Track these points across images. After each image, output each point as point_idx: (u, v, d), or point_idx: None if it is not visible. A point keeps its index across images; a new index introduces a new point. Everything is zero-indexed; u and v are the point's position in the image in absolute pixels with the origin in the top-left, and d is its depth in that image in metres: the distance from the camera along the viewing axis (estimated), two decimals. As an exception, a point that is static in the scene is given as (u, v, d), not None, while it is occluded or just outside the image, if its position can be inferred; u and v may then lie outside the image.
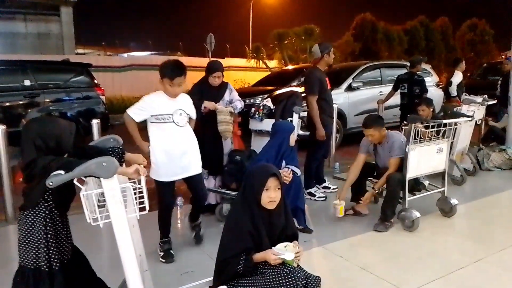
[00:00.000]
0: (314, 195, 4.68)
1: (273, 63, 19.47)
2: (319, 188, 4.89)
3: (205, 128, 3.90)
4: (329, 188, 4.98)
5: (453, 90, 7.27)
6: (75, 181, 1.63)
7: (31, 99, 6.83)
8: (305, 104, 4.68)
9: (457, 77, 7.30)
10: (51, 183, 1.59)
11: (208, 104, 3.91)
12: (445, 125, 3.89)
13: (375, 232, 3.72)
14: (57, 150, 1.91)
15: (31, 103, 6.84)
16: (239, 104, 4.16)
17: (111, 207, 1.62)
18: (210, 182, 4.11)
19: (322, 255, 3.30)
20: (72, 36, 19.97)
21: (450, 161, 5.20)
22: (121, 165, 2.07)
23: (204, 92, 4.00)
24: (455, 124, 4.03)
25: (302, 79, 6.41)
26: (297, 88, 7.46)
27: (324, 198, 4.66)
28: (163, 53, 25.06)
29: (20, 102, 6.80)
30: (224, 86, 4.11)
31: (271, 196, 2.12)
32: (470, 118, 4.60)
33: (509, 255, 3.30)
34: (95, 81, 7.75)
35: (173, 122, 3.06)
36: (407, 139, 3.70)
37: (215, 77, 3.97)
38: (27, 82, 6.86)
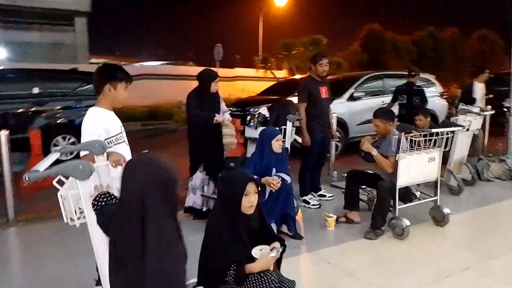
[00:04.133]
0: (309, 203, 4.71)
1: (282, 73, 19.63)
2: (314, 196, 4.92)
3: (210, 136, 4.05)
4: (324, 196, 5.00)
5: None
6: (54, 182, 1.72)
7: (38, 107, 7.04)
8: None
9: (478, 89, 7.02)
10: (27, 178, 1.61)
11: (219, 118, 4.04)
12: (436, 134, 3.92)
13: (365, 240, 3.74)
14: None
15: (38, 110, 7.04)
16: (228, 116, 4.30)
17: (86, 208, 1.70)
18: (210, 188, 4.19)
19: (310, 261, 3.33)
20: (86, 46, 20.35)
21: (447, 171, 5.21)
22: None
23: (203, 102, 4.09)
24: (447, 134, 4.05)
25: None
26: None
27: (318, 206, 4.68)
28: (175, 63, 25.33)
29: (28, 109, 7.00)
30: (217, 95, 4.21)
31: (251, 201, 2.18)
32: (461, 128, 4.61)
33: (499, 264, 3.31)
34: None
35: (124, 141, 2.45)
36: (397, 148, 3.74)
37: (217, 83, 4.11)
38: (35, 90, 7.07)
